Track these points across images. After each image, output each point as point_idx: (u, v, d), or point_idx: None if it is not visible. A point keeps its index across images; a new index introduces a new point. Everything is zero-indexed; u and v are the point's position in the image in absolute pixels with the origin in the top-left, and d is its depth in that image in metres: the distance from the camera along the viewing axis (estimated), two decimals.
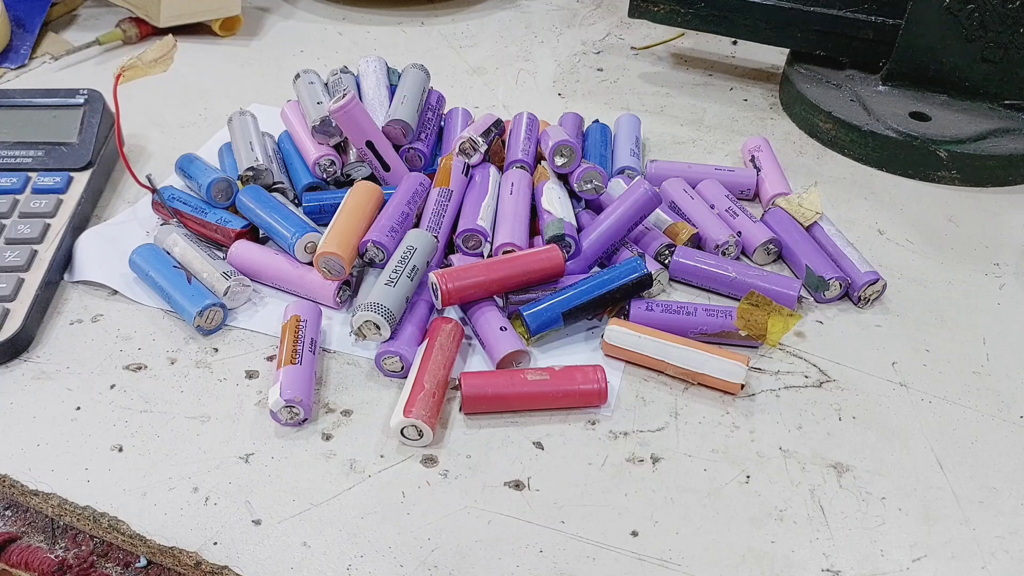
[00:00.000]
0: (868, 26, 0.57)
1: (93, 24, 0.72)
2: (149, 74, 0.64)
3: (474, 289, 0.40)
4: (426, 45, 0.70)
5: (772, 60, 0.68)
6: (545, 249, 0.41)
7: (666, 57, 0.69)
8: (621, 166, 0.51)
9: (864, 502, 0.34)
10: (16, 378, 0.39)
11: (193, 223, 0.45)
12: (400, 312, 0.39)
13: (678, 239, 0.46)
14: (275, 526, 0.32)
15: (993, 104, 0.56)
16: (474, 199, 0.45)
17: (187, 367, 0.39)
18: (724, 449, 0.36)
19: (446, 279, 0.39)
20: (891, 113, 0.56)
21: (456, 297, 0.40)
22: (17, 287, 0.41)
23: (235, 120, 0.51)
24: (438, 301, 0.40)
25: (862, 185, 0.54)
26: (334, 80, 0.52)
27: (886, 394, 0.39)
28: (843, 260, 0.45)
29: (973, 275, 0.46)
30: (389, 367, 0.39)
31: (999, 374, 0.40)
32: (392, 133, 0.48)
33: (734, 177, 0.51)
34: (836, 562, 0.32)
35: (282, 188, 0.48)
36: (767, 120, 0.61)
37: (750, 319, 0.40)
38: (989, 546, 0.33)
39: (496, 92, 0.63)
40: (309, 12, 0.75)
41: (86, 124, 0.50)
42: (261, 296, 0.43)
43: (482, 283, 0.40)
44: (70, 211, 0.46)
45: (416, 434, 0.35)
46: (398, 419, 0.35)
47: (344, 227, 0.42)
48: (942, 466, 0.36)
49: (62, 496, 0.33)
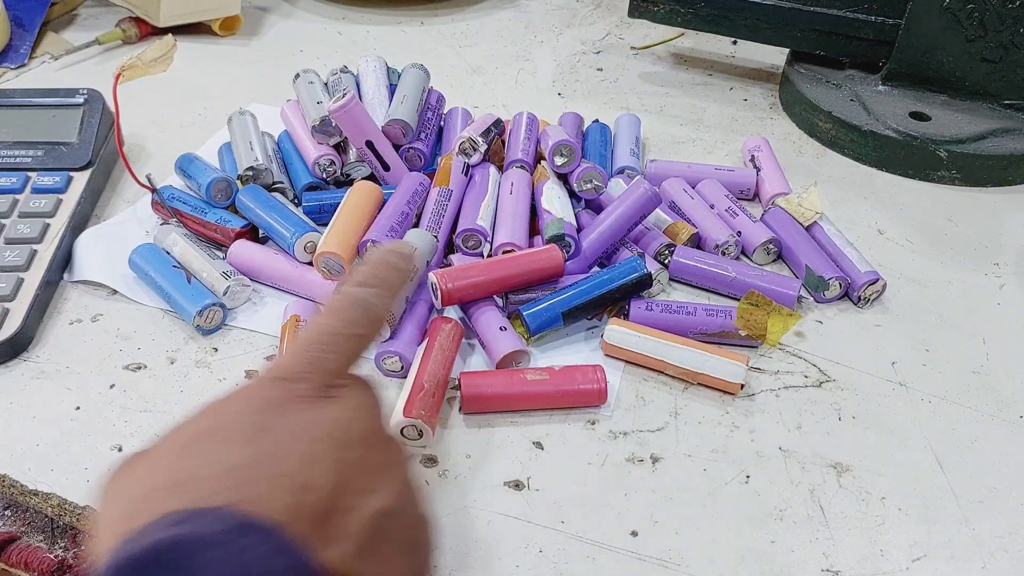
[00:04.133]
0: (868, 26, 0.57)
1: (93, 24, 0.71)
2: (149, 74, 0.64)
3: (474, 289, 0.40)
4: (426, 45, 0.70)
5: (772, 60, 0.68)
6: (544, 249, 0.41)
7: (666, 57, 0.69)
8: (621, 166, 0.51)
9: (864, 502, 0.34)
10: (16, 378, 0.39)
11: (193, 223, 0.45)
12: (399, 312, 0.39)
13: (678, 239, 0.46)
14: None
15: (993, 104, 0.56)
16: (474, 199, 0.45)
17: (187, 367, 0.39)
18: (724, 449, 0.36)
19: (446, 279, 0.39)
20: (891, 113, 0.56)
21: (456, 297, 0.40)
22: (17, 287, 0.41)
23: (235, 120, 0.50)
24: (438, 301, 0.40)
25: (862, 185, 0.54)
26: (334, 80, 0.52)
27: (886, 394, 0.39)
28: (843, 260, 0.45)
29: (973, 275, 0.46)
30: (388, 367, 0.39)
31: (998, 374, 0.40)
32: (392, 133, 0.48)
33: (734, 177, 0.51)
34: (836, 562, 0.32)
35: (282, 188, 0.48)
36: (767, 120, 0.61)
37: (750, 319, 0.40)
38: (989, 546, 0.33)
39: (496, 92, 0.63)
40: (309, 12, 0.75)
41: (86, 124, 0.50)
42: (261, 296, 0.43)
43: (482, 283, 0.40)
44: (70, 211, 0.46)
45: (416, 434, 0.35)
46: (398, 419, 0.35)
47: (344, 227, 0.42)
48: (942, 466, 0.36)
49: (62, 496, 0.33)
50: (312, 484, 0.23)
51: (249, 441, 0.23)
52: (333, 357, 0.26)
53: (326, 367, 0.26)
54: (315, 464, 0.23)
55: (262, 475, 0.22)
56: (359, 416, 0.26)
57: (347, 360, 0.27)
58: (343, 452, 0.24)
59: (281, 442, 0.24)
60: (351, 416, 0.25)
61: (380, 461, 0.25)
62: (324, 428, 0.24)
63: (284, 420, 0.24)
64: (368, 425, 0.26)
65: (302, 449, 0.24)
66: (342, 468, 0.24)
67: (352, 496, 0.23)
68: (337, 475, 0.23)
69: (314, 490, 0.23)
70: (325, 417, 0.25)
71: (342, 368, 0.27)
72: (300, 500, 0.22)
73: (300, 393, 0.25)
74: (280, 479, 0.22)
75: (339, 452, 0.24)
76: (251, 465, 0.23)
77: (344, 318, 0.27)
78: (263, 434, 0.24)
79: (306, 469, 0.23)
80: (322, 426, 0.24)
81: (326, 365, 0.26)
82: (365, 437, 0.25)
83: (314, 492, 0.23)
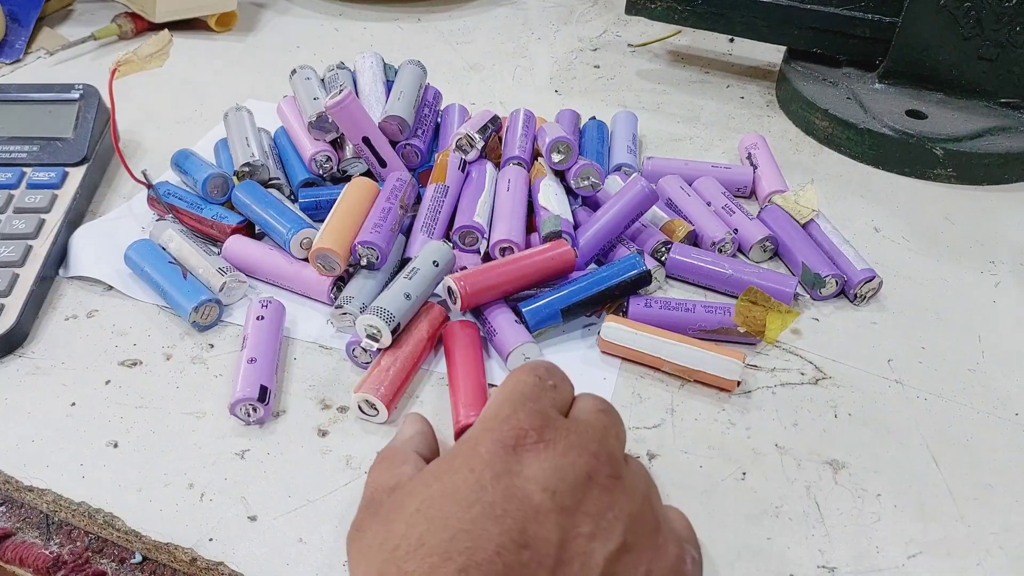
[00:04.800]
0: (865, 24, 0.58)
1: (89, 19, 0.71)
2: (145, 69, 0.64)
3: (491, 292, 0.40)
4: (423, 41, 0.70)
5: (769, 58, 0.68)
6: (555, 246, 0.41)
7: (663, 54, 0.69)
8: (618, 163, 0.51)
9: (860, 499, 0.34)
10: (11, 374, 0.38)
11: (189, 219, 0.45)
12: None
13: (675, 236, 0.46)
14: (271, 522, 0.32)
15: (989, 102, 0.56)
16: (471, 195, 0.45)
17: (183, 363, 0.39)
18: (720, 446, 0.36)
19: (465, 283, 0.39)
20: (887, 111, 0.56)
21: (475, 301, 0.40)
22: (12, 282, 0.41)
23: (231, 116, 0.50)
24: (455, 305, 0.40)
25: (858, 183, 0.54)
26: (330, 76, 0.52)
27: (882, 391, 0.39)
28: (839, 257, 0.45)
29: (969, 273, 0.47)
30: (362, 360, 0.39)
31: (994, 371, 0.40)
32: (389, 129, 0.48)
33: (731, 174, 0.51)
34: (832, 558, 0.32)
35: (278, 184, 0.48)
36: (764, 117, 0.61)
37: (749, 315, 0.40)
38: (984, 543, 0.33)
39: (493, 88, 0.63)
40: (305, 8, 0.75)
41: (81, 119, 0.50)
42: (256, 292, 0.43)
43: (499, 285, 0.40)
44: (65, 206, 0.46)
45: (371, 408, 0.36)
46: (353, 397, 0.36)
47: (340, 223, 0.42)
48: (937, 463, 0.36)
49: (57, 492, 0.33)
50: (534, 540, 0.23)
51: (471, 504, 0.24)
52: (543, 403, 0.27)
53: (537, 411, 0.27)
54: (536, 519, 0.24)
55: (486, 537, 0.23)
56: (572, 460, 0.26)
57: (552, 406, 0.28)
58: (565, 499, 0.24)
59: (498, 501, 0.24)
60: (565, 462, 0.25)
61: (606, 501, 0.25)
62: (543, 478, 0.25)
63: (502, 478, 0.25)
64: (586, 466, 0.26)
65: (520, 505, 0.24)
66: (565, 517, 0.24)
67: (581, 543, 0.24)
68: (559, 526, 0.24)
69: (538, 545, 0.23)
70: (543, 466, 0.25)
71: (551, 413, 0.27)
72: (524, 558, 0.23)
73: (512, 444, 0.26)
74: (501, 539, 0.23)
75: (561, 500, 0.24)
76: (473, 529, 0.24)
77: (537, 373, 0.29)
78: (483, 494, 0.24)
79: (526, 525, 0.24)
80: (540, 477, 0.25)
81: (537, 409, 0.27)
82: (584, 479, 0.25)
83: (539, 547, 0.23)
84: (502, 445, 0.26)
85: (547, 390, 0.28)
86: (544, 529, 0.24)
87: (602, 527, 0.24)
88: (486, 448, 0.26)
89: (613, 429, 0.28)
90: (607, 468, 0.26)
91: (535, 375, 0.29)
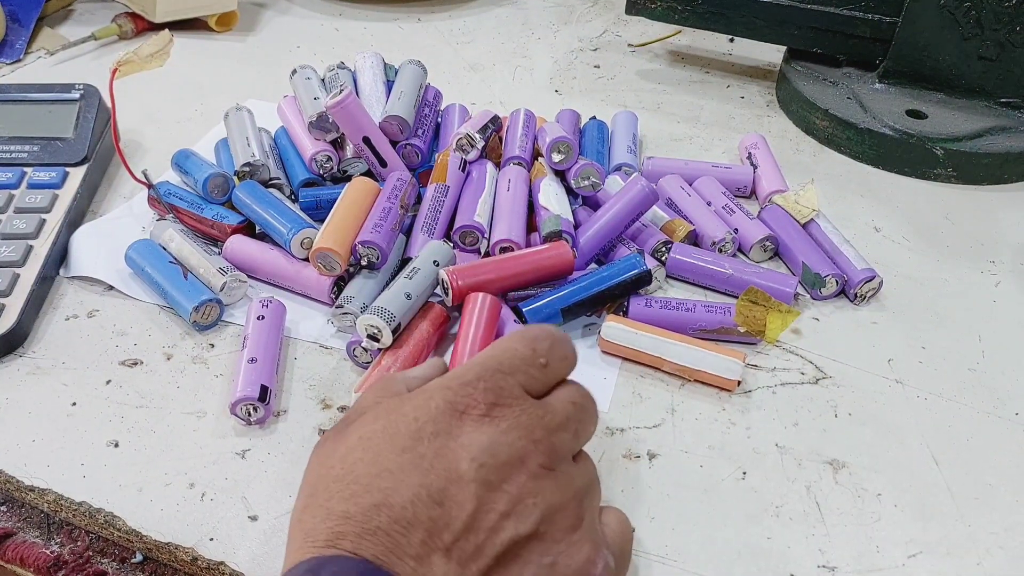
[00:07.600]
0: (865, 24, 0.58)
1: (89, 19, 0.71)
2: (145, 69, 0.64)
3: (485, 287, 0.40)
4: (423, 41, 0.70)
5: (769, 58, 0.68)
6: (555, 246, 0.41)
7: (663, 54, 0.69)
8: (618, 163, 0.51)
9: (860, 498, 0.34)
10: (11, 374, 0.38)
11: (189, 219, 0.45)
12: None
13: (675, 236, 0.46)
14: (271, 522, 0.32)
15: (989, 102, 0.56)
16: (471, 195, 0.45)
17: (183, 363, 0.39)
18: (720, 445, 0.36)
19: (457, 276, 0.39)
20: (887, 111, 0.56)
21: (467, 294, 0.40)
22: (12, 282, 0.41)
23: (231, 116, 0.50)
24: (448, 298, 0.40)
25: (858, 182, 0.54)
26: (331, 76, 0.52)
27: (882, 391, 0.39)
28: (839, 257, 0.45)
29: (969, 272, 0.47)
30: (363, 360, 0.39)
31: (994, 371, 0.40)
32: (389, 129, 0.48)
33: (731, 174, 0.51)
34: (832, 558, 0.32)
35: (278, 184, 0.48)
36: (764, 117, 0.61)
37: (749, 315, 0.40)
38: (984, 542, 0.33)
39: (493, 88, 0.63)
40: (305, 8, 0.75)
41: (82, 119, 0.50)
42: (257, 292, 0.43)
43: (493, 280, 0.40)
44: (66, 206, 0.46)
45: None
46: None
47: (340, 223, 0.42)
48: (937, 463, 0.36)
49: (58, 492, 0.33)
50: (449, 501, 0.24)
51: (404, 449, 0.25)
52: (511, 379, 0.27)
53: (499, 385, 0.27)
54: (458, 483, 0.25)
55: (407, 484, 0.25)
56: (513, 440, 0.26)
57: (521, 384, 0.27)
58: (490, 474, 0.25)
59: (429, 456, 0.25)
60: (503, 440, 0.26)
61: (531, 487, 0.26)
62: (475, 449, 0.25)
63: (440, 436, 0.26)
64: (522, 450, 0.26)
65: (447, 466, 0.25)
66: (485, 490, 0.25)
67: (492, 517, 0.25)
68: (477, 497, 0.25)
69: (451, 507, 0.24)
70: (479, 437, 0.26)
71: (513, 391, 0.27)
72: (434, 514, 0.24)
73: (461, 409, 0.26)
74: (419, 490, 0.24)
75: (486, 474, 0.25)
76: (398, 472, 0.25)
77: (533, 346, 0.28)
78: (418, 444, 0.26)
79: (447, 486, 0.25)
80: (473, 447, 0.25)
81: (499, 383, 0.27)
82: (515, 461, 0.26)
83: (450, 509, 0.24)
84: (451, 407, 0.26)
85: (532, 367, 0.28)
86: (462, 495, 0.25)
87: (518, 510, 0.25)
88: (435, 404, 0.26)
89: (574, 423, 0.28)
90: (542, 458, 0.26)
91: (530, 348, 0.28)
